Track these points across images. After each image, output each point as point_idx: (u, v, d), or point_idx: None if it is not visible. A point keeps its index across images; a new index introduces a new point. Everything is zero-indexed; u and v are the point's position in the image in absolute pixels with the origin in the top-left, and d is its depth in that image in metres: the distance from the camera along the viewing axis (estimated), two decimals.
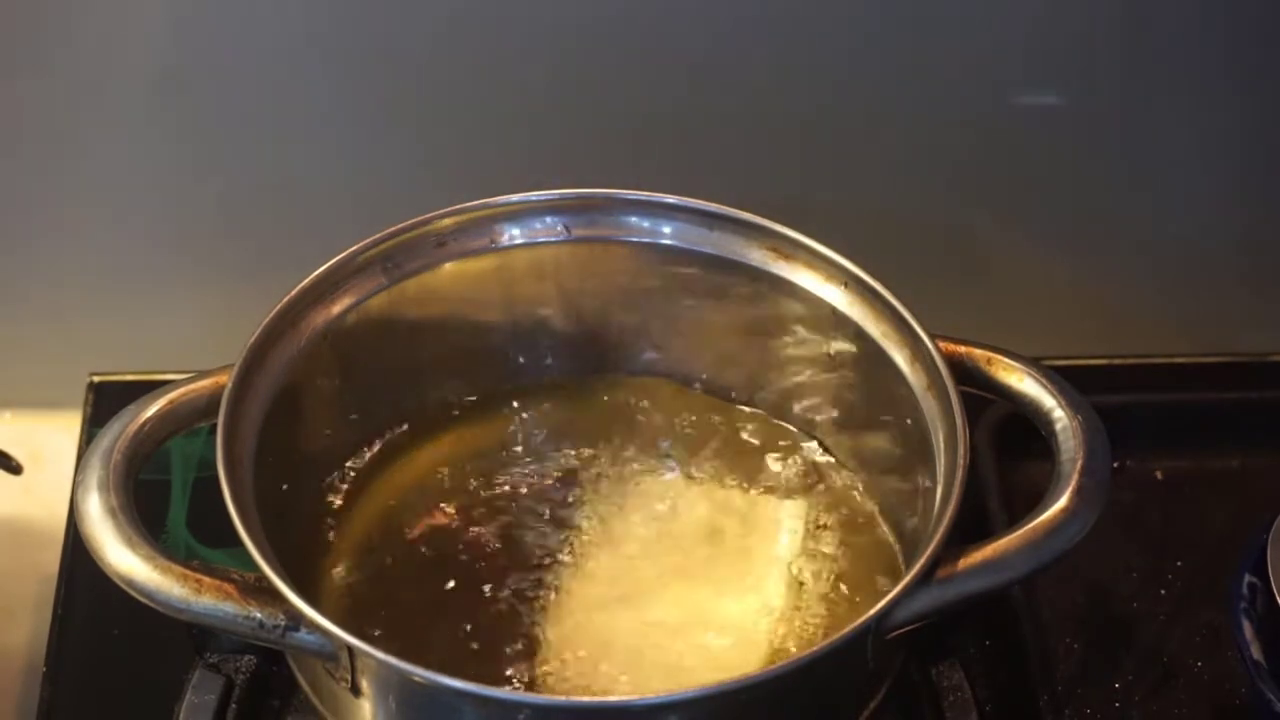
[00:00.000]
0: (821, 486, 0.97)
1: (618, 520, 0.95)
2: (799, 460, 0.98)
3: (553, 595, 0.91)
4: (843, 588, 0.92)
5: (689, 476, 0.97)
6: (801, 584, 0.92)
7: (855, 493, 0.97)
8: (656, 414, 1.00)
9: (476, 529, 0.94)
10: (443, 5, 1.08)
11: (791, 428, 1.00)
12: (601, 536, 0.94)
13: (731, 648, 0.89)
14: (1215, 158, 1.16)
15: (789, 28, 1.09)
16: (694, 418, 1.00)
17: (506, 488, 0.96)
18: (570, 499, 0.96)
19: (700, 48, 1.10)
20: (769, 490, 0.97)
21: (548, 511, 0.95)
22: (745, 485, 0.97)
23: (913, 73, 1.11)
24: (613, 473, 0.97)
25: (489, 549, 0.93)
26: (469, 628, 0.90)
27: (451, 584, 0.92)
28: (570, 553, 0.93)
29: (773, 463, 0.98)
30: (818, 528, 0.95)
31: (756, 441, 0.99)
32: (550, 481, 0.97)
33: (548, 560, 0.93)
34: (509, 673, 0.88)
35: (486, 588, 0.91)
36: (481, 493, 0.96)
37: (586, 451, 0.98)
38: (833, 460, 0.98)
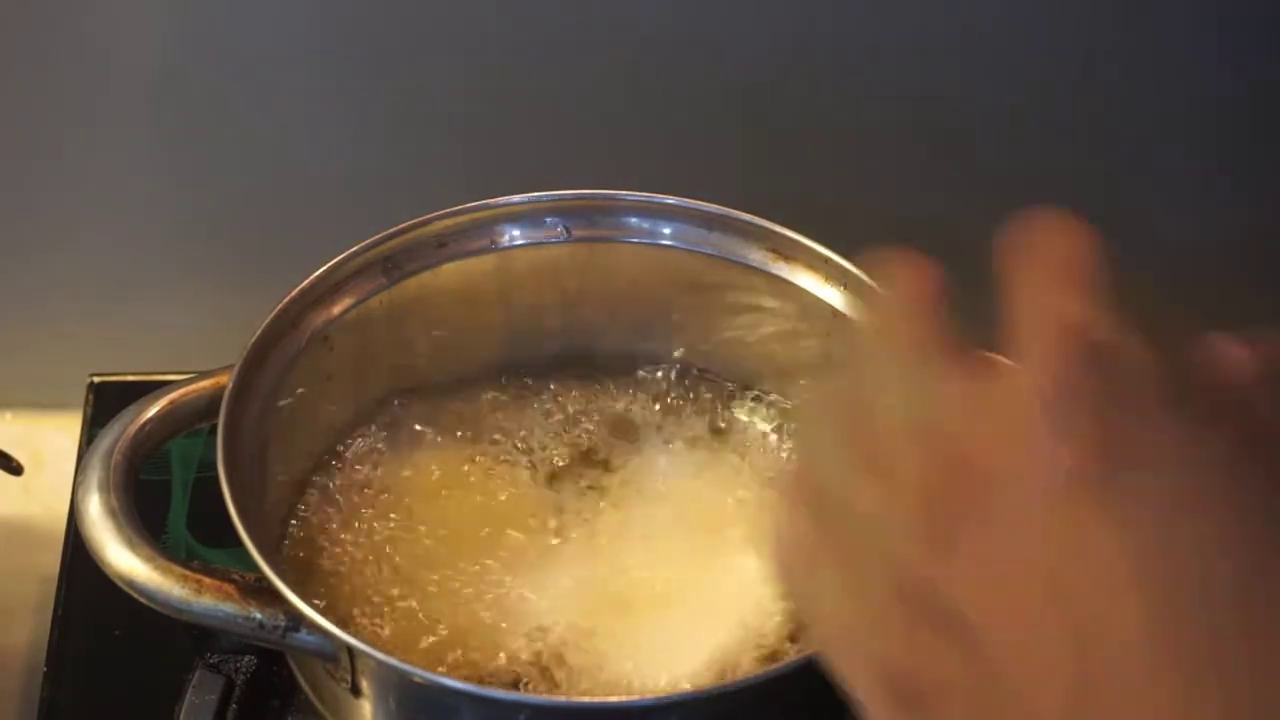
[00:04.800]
0: None
1: (615, 513, 0.95)
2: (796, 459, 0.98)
3: (553, 587, 0.91)
4: None
5: (688, 473, 0.97)
6: None
7: None
8: (656, 412, 1.00)
9: (478, 524, 0.94)
10: (443, 5, 1.08)
11: (790, 427, 1.00)
12: (600, 528, 0.94)
13: (728, 644, 0.89)
14: (1215, 158, 1.16)
15: (789, 27, 1.09)
16: (693, 416, 1.00)
17: (509, 483, 0.96)
18: (570, 494, 0.96)
19: (700, 48, 1.10)
20: (767, 486, 0.97)
21: (549, 506, 0.95)
22: (745, 482, 0.97)
23: (913, 73, 1.11)
24: (612, 468, 0.97)
25: (492, 544, 0.93)
26: (472, 620, 0.90)
27: (453, 578, 0.92)
28: (571, 546, 0.93)
29: (770, 461, 0.98)
30: None
31: (757, 441, 0.99)
32: (551, 477, 0.97)
33: (550, 552, 0.93)
34: (512, 665, 0.88)
35: (489, 579, 0.91)
36: (483, 489, 0.96)
37: (586, 448, 0.98)
38: None
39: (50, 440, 1.13)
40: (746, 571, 0.93)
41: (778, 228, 0.95)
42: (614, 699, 0.85)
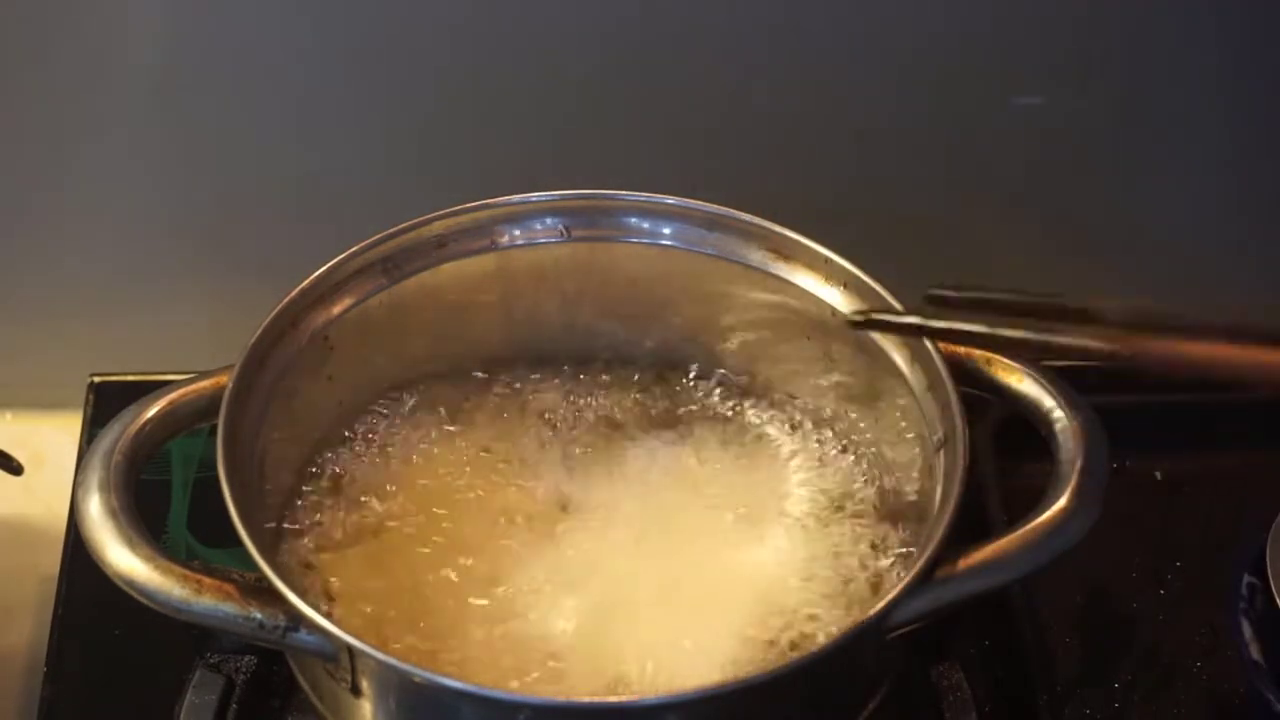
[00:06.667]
0: (821, 486, 0.97)
1: (616, 511, 0.95)
2: (796, 459, 0.98)
3: (554, 585, 0.91)
4: (842, 585, 0.92)
5: (688, 469, 0.97)
6: (800, 580, 0.92)
7: (855, 492, 0.97)
8: (656, 412, 1.00)
9: (479, 522, 0.94)
10: (443, 5, 1.08)
11: (790, 427, 1.00)
12: (601, 525, 0.94)
13: (731, 643, 0.89)
14: (1215, 158, 1.16)
15: (789, 28, 1.09)
16: (691, 416, 1.00)
17: (509, 481, 0.96)
18: (571, 491, 0.96)
19: (700, 48, 1.10)
20: (767, 486, 0.97)
21: (550, 503, 0.95)
22: (744, 482, 0.97)
23: (913, 73, 1.11)
24: (612, 466, 0.97)
25: (492, 541, 0.93)
26: (473, 617, 0.90)
27: (455, 575, 0.92)
28: (572, 543, 0.93)
29: (770, 461, 0.98)
30: (815, 526, 0.95)
31: (756, 439, 0.99)
32: (552, 475, 0.97)
33: (550, 550, 0.93)
34: (513, 662, 0.88)
35: (490, 577, 0.91)
36: (484, 487, 0.96)
37: (587, 446, 0.98)
38: (831, 460, 0.98)
39: (50, 440, 1.13)
40: (750, 567, 0.93)
41: (778, 228, 0.95)
42: (614, 699, 0.85)
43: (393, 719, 0.83)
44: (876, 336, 0.93)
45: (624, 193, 0.97)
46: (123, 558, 0.82)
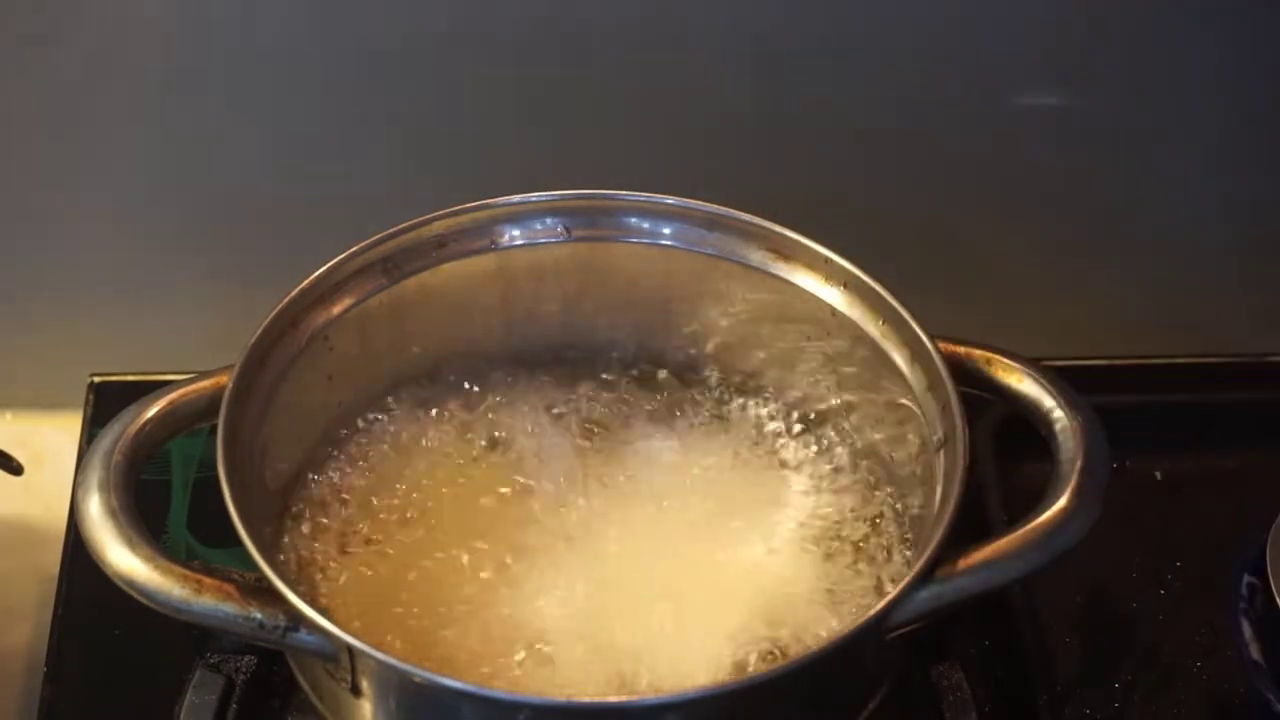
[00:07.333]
0: (820, 485, 0.97)
1: (616, 509, 0.95)
2: (797, 459, 0.98)
3: (554, 583, 0.91)
4: (842, 585, 0.92)
5: (688, 468, 0.97)
6: (799, 579, 0.92)
7: (854, 493, 0.97)
8: (656, 412, 1.00)
9: (479, 521, 0.94)
10: (443, 6, 1.08)
11: (790, 427, 1.00)
12: (601, 524, 0.94)
13: (732, 641, 0.89)
14: (1215, 158, 1.16)
15: (789, 28, 1.09)
16: (691, 416, 1.00)
17: (509, 481, 0.96)
18: (571, 490, 0.96)
19: (700, 48, 1.10)
20: (767, 486, 0.97)
21: (550, 502, 0.95)
22: (743, 481, 0.97)
23: (913, 73, 1.11)
24: (612, 465, 0.97)
25: (492, 540, 0.93)
26: (473, 617, 0.90)
27: (454, 575, 0.92)
28: (572, 542, 0.93)
29: (770, 461, 0.98)
30: (815, 527, 0.95)
31: (755, 439, 0.99)
32: (552, 474, 0.97)
33: (550, 549, 0.93)
34: (513, 662, 0.88)
35: (489, 576, 0.91)
36: (483, 486, 0.96)
37: (587, 445, 0.98)
38: (832, 460, 0.98)
39: (50, 440, 1.13)
40: (749, 566, 0.93)
41: (778, 228, 0.95)
42: (614, 699, 0.85)
43: (393, 719, 0.83)
44: (877, 337, 0.93)
45: (624, 193, 0.97)
46: (123, 558, 0.82)
